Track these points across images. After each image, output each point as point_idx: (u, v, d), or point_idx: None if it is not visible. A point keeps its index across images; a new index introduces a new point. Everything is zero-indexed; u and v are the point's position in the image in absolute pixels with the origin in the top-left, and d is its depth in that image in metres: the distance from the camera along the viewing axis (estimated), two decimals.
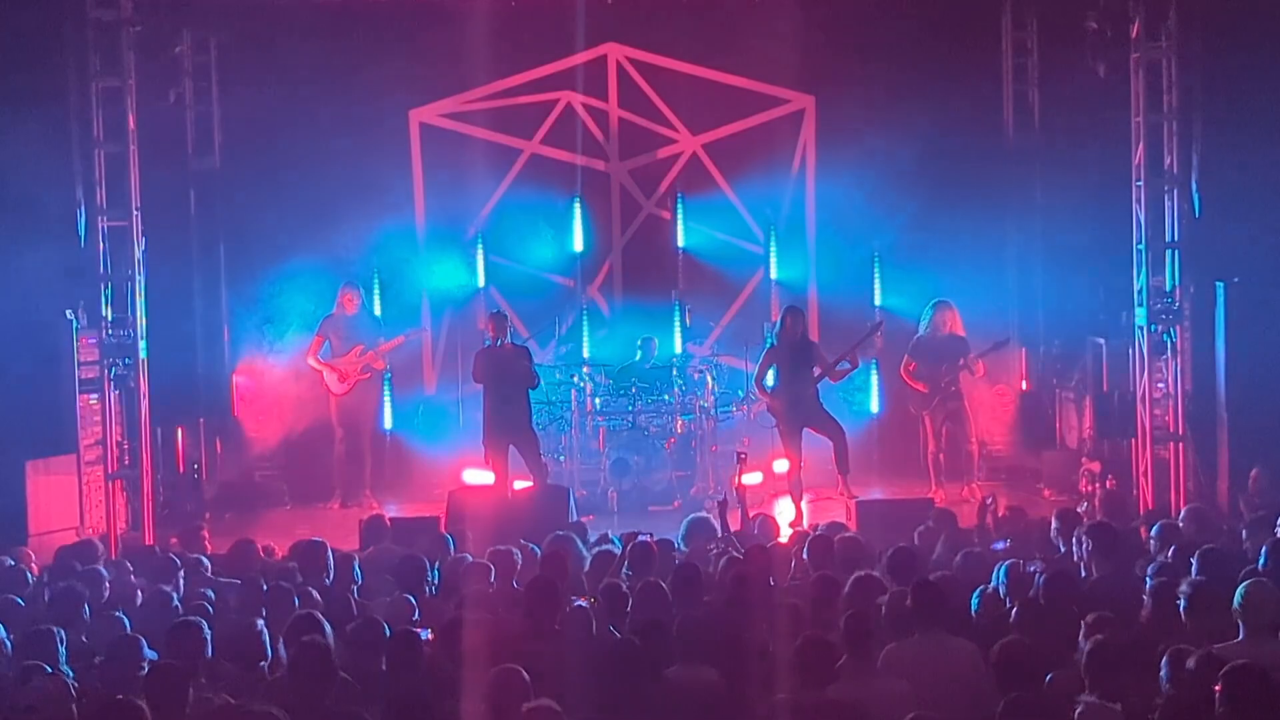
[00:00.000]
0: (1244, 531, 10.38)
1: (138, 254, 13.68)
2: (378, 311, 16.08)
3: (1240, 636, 7.46)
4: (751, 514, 11.85)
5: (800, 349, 14.02)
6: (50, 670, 7.51)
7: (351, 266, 16.01)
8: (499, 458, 13.88)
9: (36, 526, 12.66)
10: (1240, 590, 7.56)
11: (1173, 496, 13.79)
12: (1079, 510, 11.61)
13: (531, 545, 10.35)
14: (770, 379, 14.05)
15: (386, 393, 16.03)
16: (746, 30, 15.96)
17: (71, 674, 7.58)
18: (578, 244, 16.72)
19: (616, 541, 10.58)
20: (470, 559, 9.90)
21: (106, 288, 13.67)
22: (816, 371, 13.98)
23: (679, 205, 16.72)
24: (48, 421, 13.18)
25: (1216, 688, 6.42)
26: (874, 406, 16.34)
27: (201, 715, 6.92)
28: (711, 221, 16.89)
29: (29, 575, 10.15)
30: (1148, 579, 8.71)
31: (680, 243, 16.72)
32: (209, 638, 7.64)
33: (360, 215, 16.05)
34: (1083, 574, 9.20)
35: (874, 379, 16.25)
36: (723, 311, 16.79)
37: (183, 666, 7.12)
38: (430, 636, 7.92)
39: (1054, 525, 10.30)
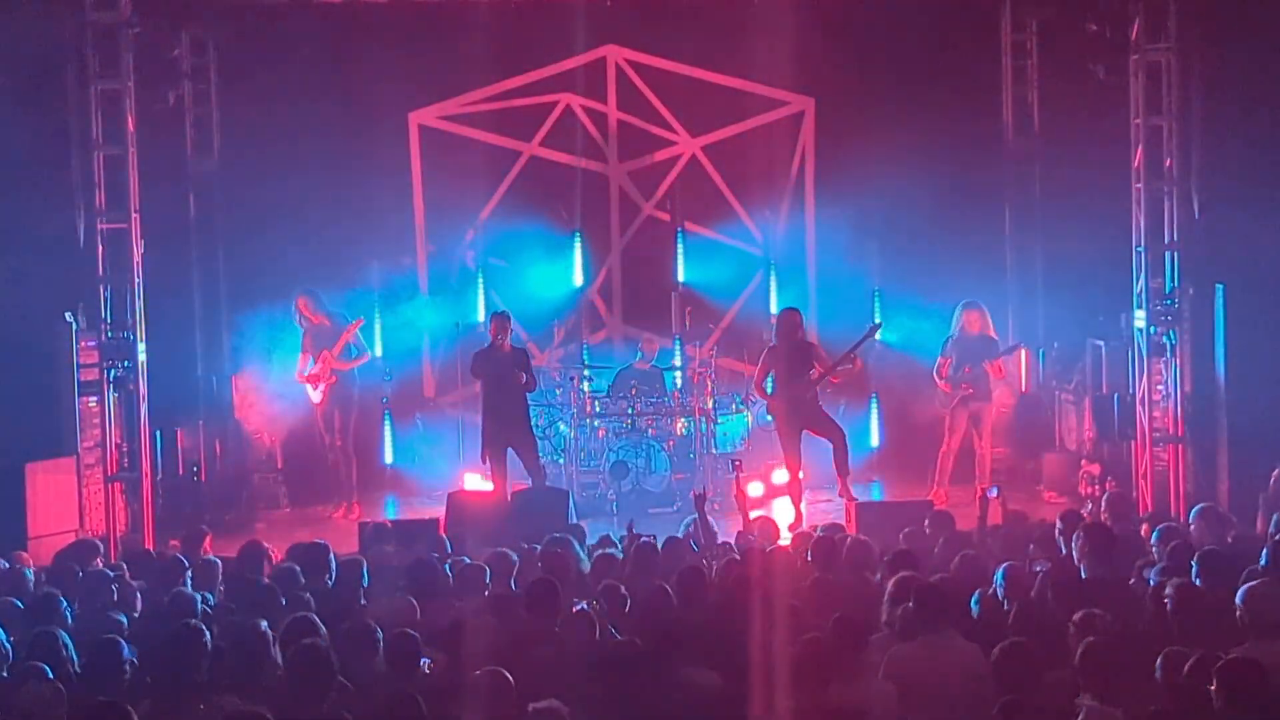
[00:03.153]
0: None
1: (137, 256, 13.67)
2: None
3: (1247, 640, 7.44)
4: (751, 517, 11.82)
5: (799, 350, 14.02)
6: (51, 674, 7.49)
7: (351, 268, 16.05)
8: (498, 460, 13.88)
9: (36, 529, 12.65)
10: (1242, 592, 7.55)
11: (1172, 498, 13.80)
12: (1083, 511, 11.60)
13: (531, 548, 10.34)
14: (770, 381, 14.05)
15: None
16: (746, 33, 15.96)
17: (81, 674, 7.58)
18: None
19: (619, 544, 10.58)
20: (469, 561, 9.90)
21: (106, 290, 13.66)
22: (815, 372, 13.96)
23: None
24: (47, 424, 13.18)
25: (1212, 685, 6.41)
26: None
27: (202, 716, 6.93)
28: (711, 224, 16.90)
29: (27, 577, 10.13)
30: (1149, 580, 8.70)
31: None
32: (209, 642, 7.62)
33: (359, 217, 16.05)
34: (1084, 576, 9.18)
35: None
36: (722, 313, 16.80)
37: (186, 672, 7.12)
38: (430, 666, 7.80)
39: (1058, 527, 10.27)
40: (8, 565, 10.40)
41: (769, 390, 14.05)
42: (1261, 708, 6.34)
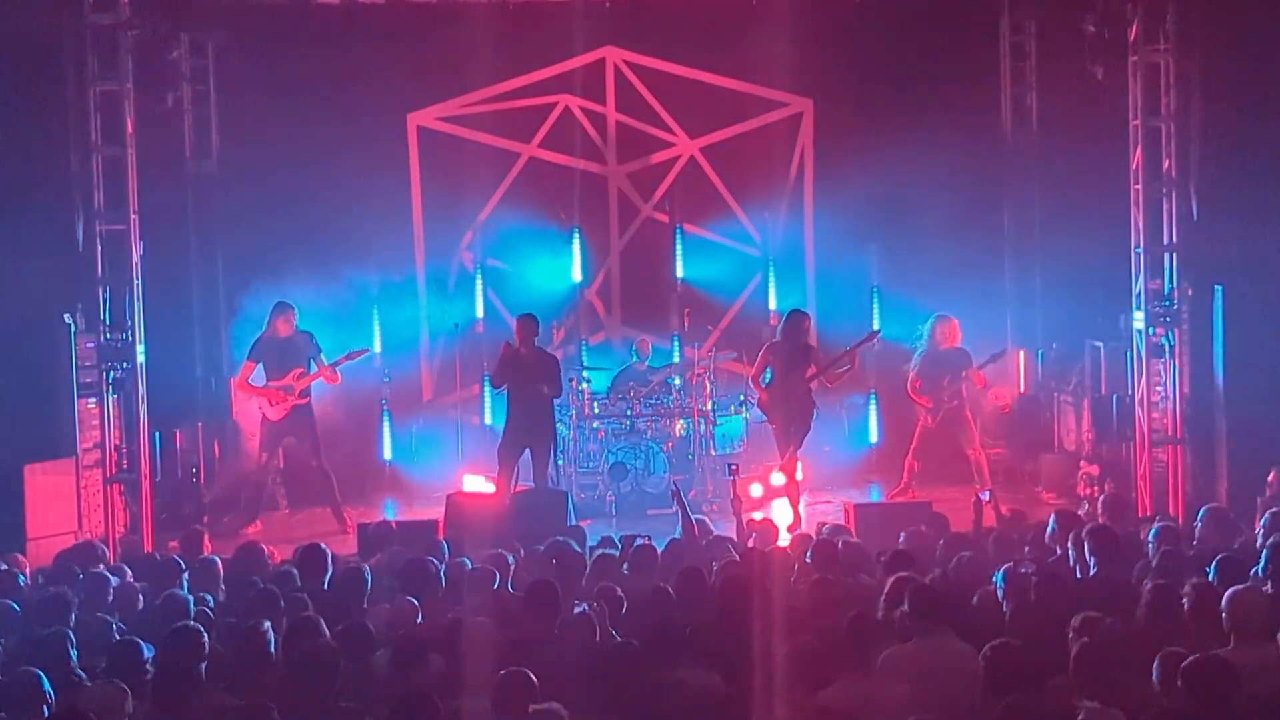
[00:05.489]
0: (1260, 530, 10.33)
1: (136, 258, 13.65)
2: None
3: (1230, 642, 7.45)
4: (747, 523, 11.81)
5: (800, 351, 14.04)
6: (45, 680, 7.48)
7: (349, 269, 16.07)
8: (509, 464, 13.76)
9: (35, 530, 12.63)
10: (1227, 595, 7.56)
11: (1171, 499, 13.81)
12: (1079, 512, 11.59)
13: (530, 549, 10.34)
14: (766, 376, 14.09)
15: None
16: (744, 34, 15.98)
17: (84, 675, 7.57)
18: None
19: (619, 544, 10.59)
20: (469, 563, 9.89)
21: (105, 292, 13.65)
22: (811, 371, 13.97)
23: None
24: (46, 425, 13.15)
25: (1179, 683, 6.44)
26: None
27: (203, 716, 6.93)
28: (710, 225, 16.92)
29: (22, 579, 10.11)
30: (1147, 581, 8.69)
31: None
32: (206, 642, 7.62)
33: (358, 219, 16.05)
34: (1079, 576, 9.18)
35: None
36: (721, 315, 16.80)
37: (186, 669, 7.13)
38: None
39: (1051, 527, 10.25)
40: (5, 567, 10.39)
41: (764, 384, 14.10)
42: (1235, 708, 6.35)
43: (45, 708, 6.96)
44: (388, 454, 16.22)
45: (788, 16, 15.35)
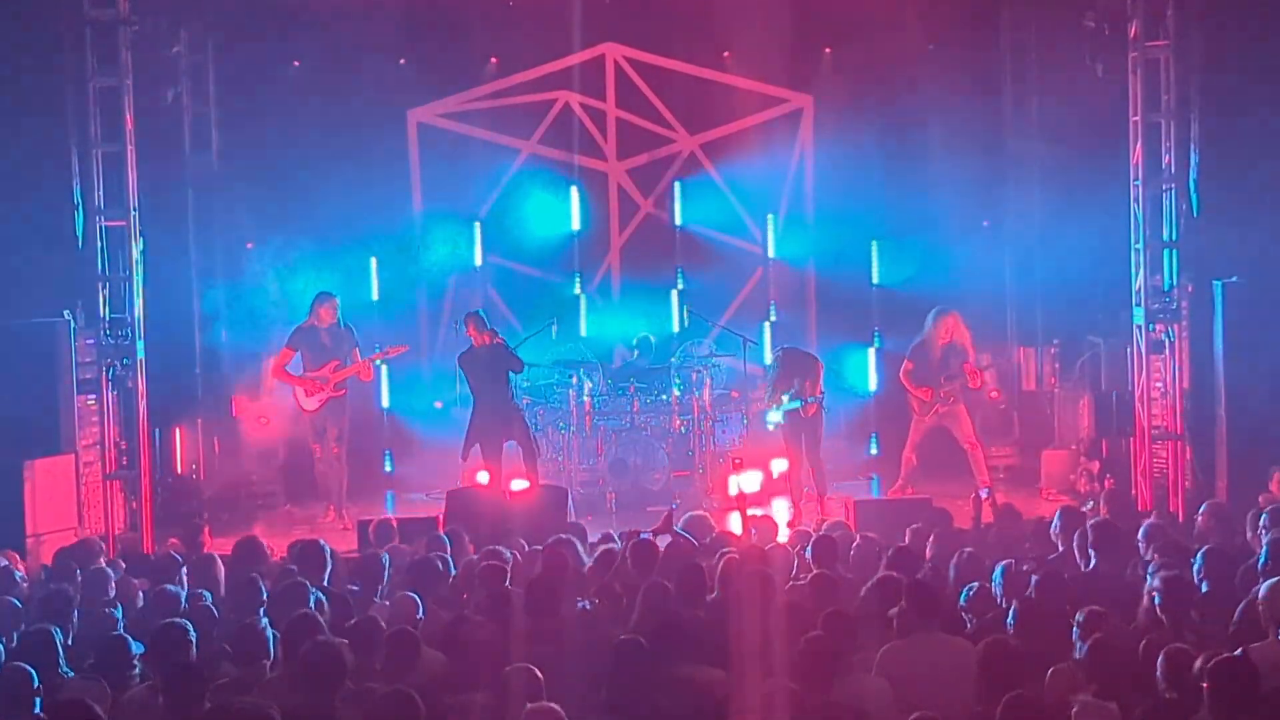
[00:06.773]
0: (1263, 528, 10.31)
1: (135, 254, 13.65)
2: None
3: (1271, 636, 7.41)
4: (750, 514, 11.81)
5: (804, 364, 14.12)
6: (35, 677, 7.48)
7: (350, 266, 16.06)
8: (494, 457, 13.80)
9: (34, 527, 12.62)
10: (1266, 588, 7.53)
11: (1171, 495, 13.79)
12: (1083, 509, 11.58)
13: (530, 547, 10.33)
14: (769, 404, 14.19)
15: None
16: (745, 30, 15.95)
17: (72, 674, 7.56)
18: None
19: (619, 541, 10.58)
20: (471, 559, 9.88)
21: (104, 288, 13.64)
22: (807, 385, 13.99)
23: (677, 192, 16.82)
24: (45, 422, 13.14)
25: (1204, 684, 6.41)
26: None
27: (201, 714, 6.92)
28: (710, 221, 16.92)
29: (18, 576, 10.10)
30: (1147, 577, 8.68)
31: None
32: (194, 639, 7.60)
33: (358, 215, 16.04)
34: (1081, 572, 9.17)
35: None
36: (721, 311, 16.79)
37: (201, 667, 7.13)
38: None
39: (1055, 523, 10.23)
40: (4, 564, 10.38)
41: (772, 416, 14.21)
42: (1253, 705, 6.34)
43: (37, 700, 6.96)
44: (388, 467, 16.39)
45: (787, 12, 15.34)
